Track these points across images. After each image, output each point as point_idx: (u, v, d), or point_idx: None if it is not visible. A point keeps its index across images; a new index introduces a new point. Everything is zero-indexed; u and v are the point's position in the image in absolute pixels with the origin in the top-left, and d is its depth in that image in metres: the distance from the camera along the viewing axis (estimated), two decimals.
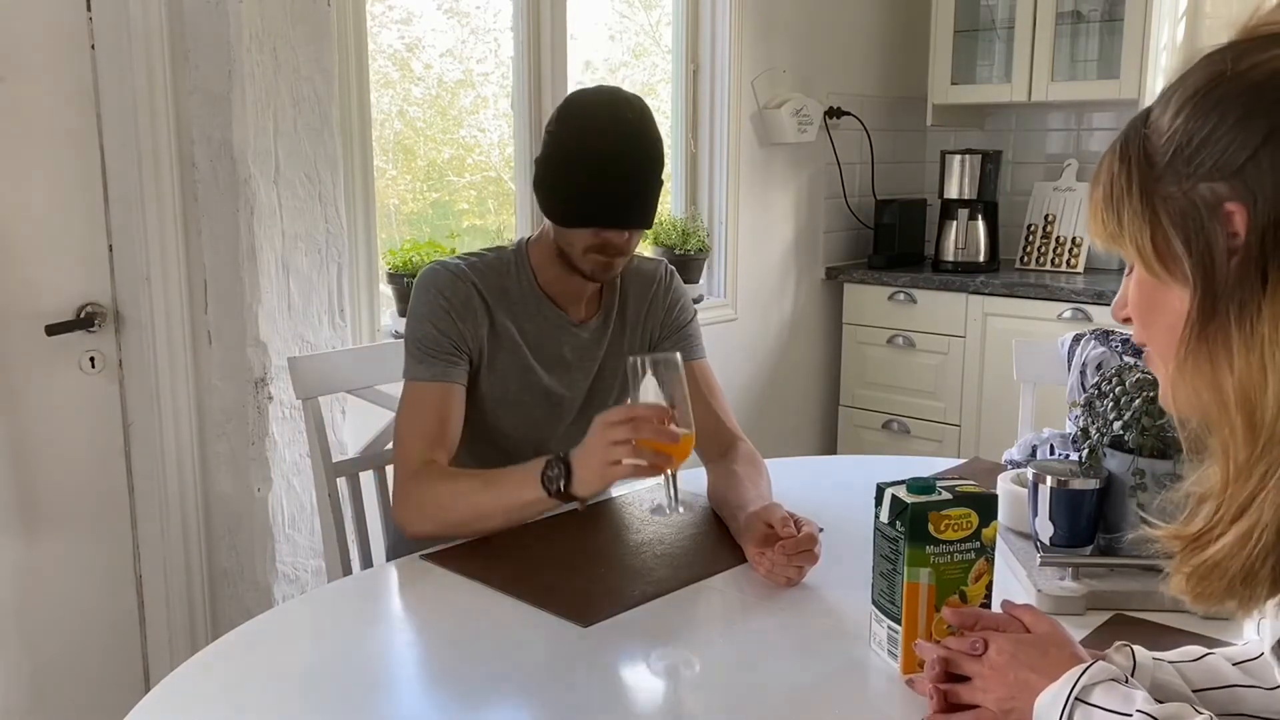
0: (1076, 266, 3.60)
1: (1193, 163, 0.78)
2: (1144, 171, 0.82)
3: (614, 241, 1.55)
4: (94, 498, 2.19)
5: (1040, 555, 1.33)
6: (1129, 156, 0.83)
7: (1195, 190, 0.78)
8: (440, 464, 1.51)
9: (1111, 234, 0.85)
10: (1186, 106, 0.79)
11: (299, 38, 2.14)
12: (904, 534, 1.08)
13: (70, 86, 2.05)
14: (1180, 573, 0.82)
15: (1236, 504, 0.77)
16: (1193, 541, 0.80)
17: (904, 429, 3.67)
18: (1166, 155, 0.80)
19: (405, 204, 2.89)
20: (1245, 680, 0.99)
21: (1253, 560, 0.76)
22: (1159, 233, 0.81)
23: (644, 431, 1.29)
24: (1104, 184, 0.85)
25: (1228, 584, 0.78)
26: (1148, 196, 0.81)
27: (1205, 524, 0.80)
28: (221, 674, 1.16)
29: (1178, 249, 0.80)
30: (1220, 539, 0.78)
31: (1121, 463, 1.32)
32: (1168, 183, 0.80)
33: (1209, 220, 0.78)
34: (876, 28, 3.83)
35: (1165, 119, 0.81)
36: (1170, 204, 0.80)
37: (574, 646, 1.19)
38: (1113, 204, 0.84)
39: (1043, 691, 0.91)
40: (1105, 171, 0.86)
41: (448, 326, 1.56)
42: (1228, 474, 0.78)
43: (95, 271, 2.13)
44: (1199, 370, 0.80)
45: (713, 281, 3.45)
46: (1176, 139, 0.79)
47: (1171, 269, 0.81)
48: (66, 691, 2.17)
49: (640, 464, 1.30)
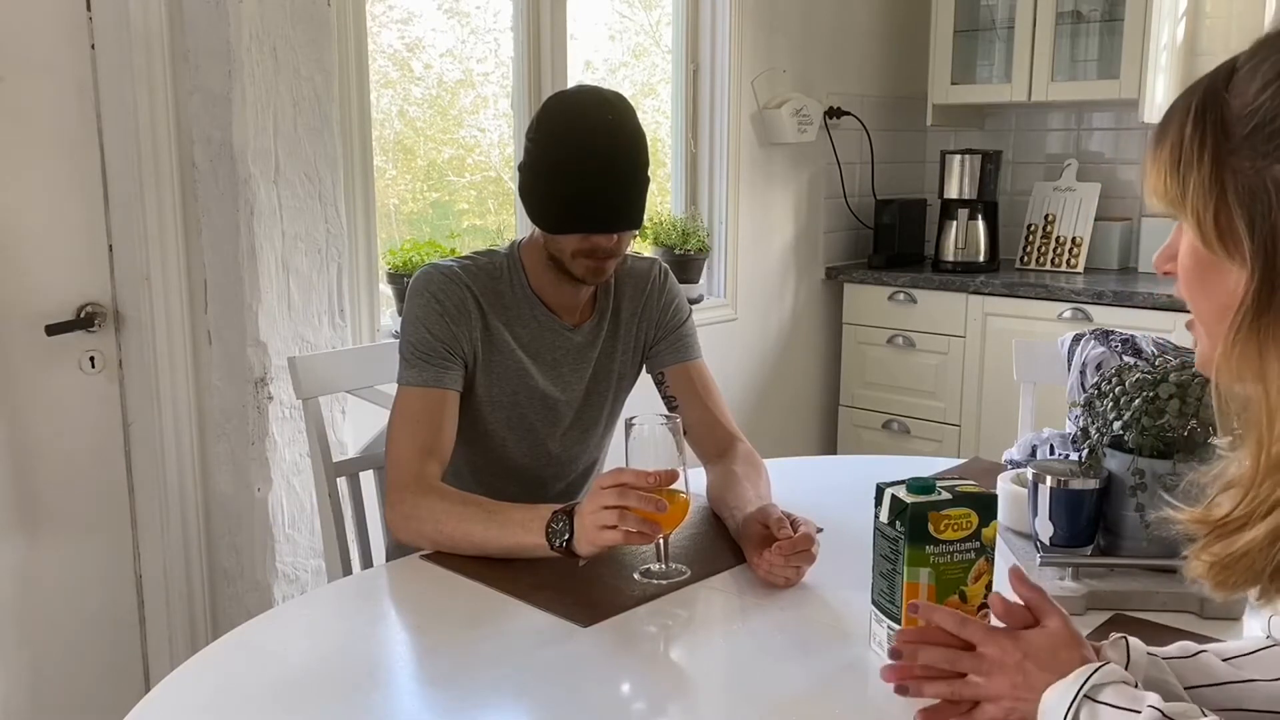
0: (1076, 266, 3.60)
1: (1273, 141, 0.74)
2: (1218, 140, 0.77)
3: (602, 245, 1.53)
4: (94, 498, 2.19)
5: (1040, 555, 1.33)
6: (1204, 120, 0.78)
7: (1270, 170, 0.75)
8: (435, 474, 1.49)
9: (1172, 199, 0.81)
10: (1275, 84, 0.75)
11: (299, 38, 2.14)
12: (904, 534, 1.08)
13: (70, 86, 2.05)
14: (1202, 559, 0.80)
15: (1268, 499, 0.76)
16: (1218, 527, 0.79)
17: (904, 429, 3.67)
18: (1246, 128, 0.76)
19: (405, 204, 2.89)
20: (1238, 675, 0.98)
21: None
22: (1224, 208, 0.77)
23: (631, 498, 1.27)
24: (1172, 142, 0.80)
25: (1253, 576, 0.77)
26: (1218, 167, 0.77)
27: (1231, 511, 0.78)
28: (221, 674, 1.16)
29: (1240, 229, 0.76)
30: (1247, 530, 0.76)
31: (1121, 463, 1.32)
32: (1242, 156, 0.76)
33: (1276, 203, 0.74)
34: (876, 28, 3.83)
35: (1252, 89, 0.77)
36: (1240, 179, 0.76)
37: (574, 646, 1.19)
38: (1179, 167, 0.79)
39: (1050, 688, 0.89)
40: (1175, 128, 0.80)
41: (441, 330, 1.55)
42: (1259, 465, 0.76)
43: (95, 271, 2.13)
44: (1246, 358, 0.77)
45: (712, 281, 3.45)
46: (1260, 113, 0.75)
47: (1230, 248, 0.78)
48: (66, 691, 2.17)
49: (630, 530, 1.27)
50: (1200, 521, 0.80)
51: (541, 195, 1.55)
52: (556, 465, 1.70)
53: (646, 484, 1.27)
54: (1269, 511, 0.76)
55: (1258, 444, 0.77)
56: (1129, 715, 0.84)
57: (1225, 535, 0.78)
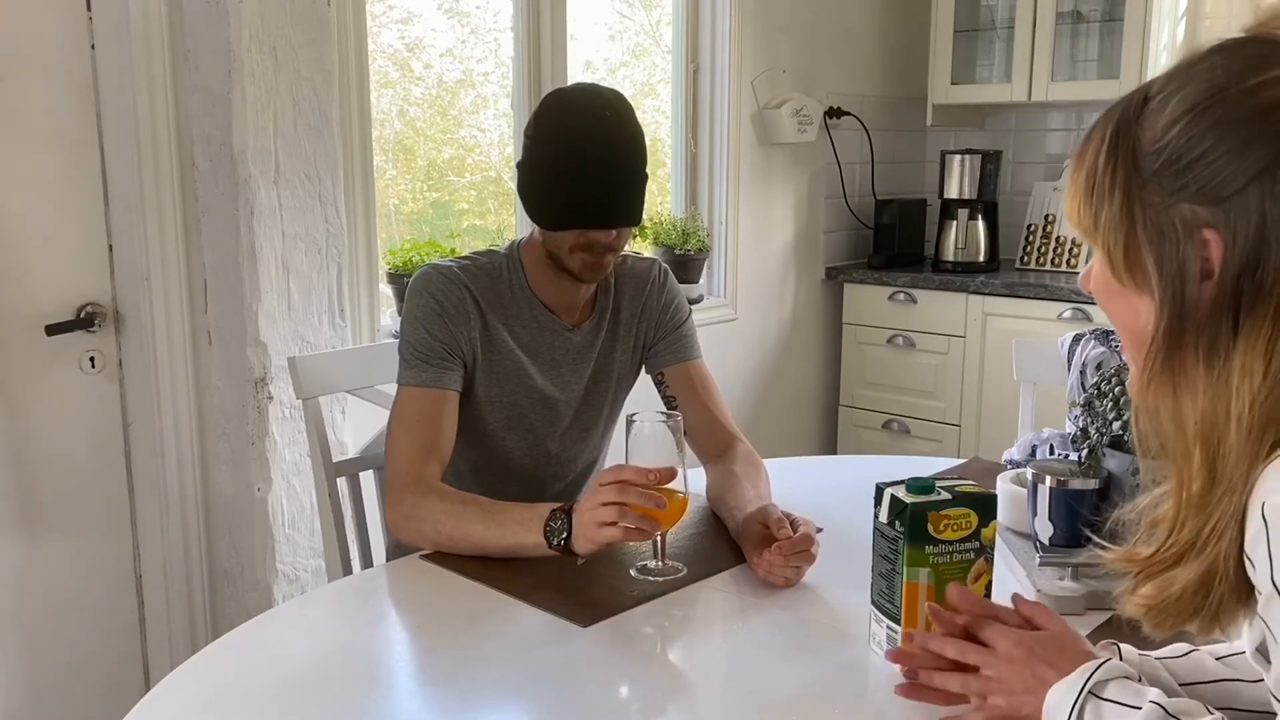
0: (1076, 266, 3.59)
1: (1180, 179, 0.76)
2: (1129, 174, 0.79)
3: (600, 240, 1.53)
4: (94, 498, 2.19)
5: (1040, 555, 1.33)
6: (1117, 151, 0.80)
7: (1177, 208, 0.76)
8: (435, 474, 1.50)
9: (1085, 229, 0.82)
10: (1183, 119, 0.76)
11: (299, 38, 2.14)
12: (903, 534, 1.08)
13: (70, 86, 2.05)
14: (1135, 602, 0.81)
15: (1190, 540, 0.76)
16: (1146, 566, 0.79)
17: (904, 429, 3.67)
18: (1155, 164, 0.77)
19: (405, 204, 2.89)
20: (1230, 674, 0.99)
21: (1219, 598, 0.76)
22: (1133, 243, 0.79)
23: (631, 495, 1.27)
24: (1087, 171, 0.82)
25: (1189, 617, 0.78)
26: (1128, 202, 0.78)
27: (1155, 551, 0.79)
28: (221, 674, 1.16)
29: (1149, 265, 0.78)
30: (1177, 569, 0.77)
31: (1121, 463, 1.32)
32: (1151, 192, 0.77)
33: (1184, 242, 0.75)
34: (876, 28, 3.83)
35: (1160, 123, 0.78)
36: (1149, 214, 0.77)
37: (574, 646, 1.19)
38: (1092, 199, 0.81)
39: (1055, 685, 0.90)
40: (1090, 156, 0.82)
41: (440, 330, 1.55)
42: (1181, 504, 0.77)
43: (95, 271, 2.13)
44: (1162, 393, 0.78)
45: (712, 281, 3.45)
46: (1168, 150, 0.77)
47: (1138, 282, 0.79)
48: (66, 691, 2.17)
49: (629, 527, 1.28)
50: (1128, 560, 0.81)
51: (539, 192, 1.55)
52: (556, 465, 1.70)
53: (647, 480, 1.28)
54: (1192, 553, 0.76)
55: (1179, 481, 0.77)
56: (1131, 711, 0.85)
57: (1153, 575, 0.79)
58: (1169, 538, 0.78)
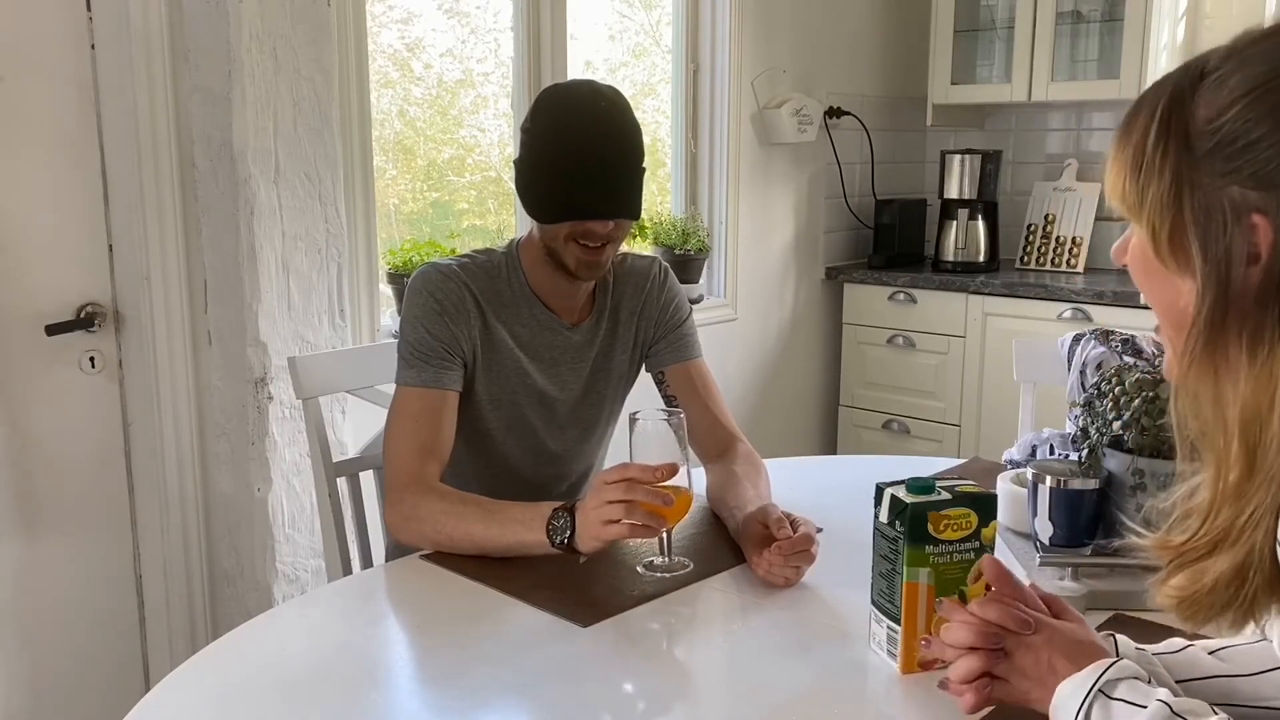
0: (1076, 266, 3.60)
1: (1233, 162, 0.74)
2: (1180, 153, 0.76)
3: (596, 231, 1.52)
4: (94, 498, 2.19)
5: (1040, 555, 1.33)
6: (1169, 128, 0.77)
7: (1227, 191, 0.74)
8: (435, 474, 1.49)
9: (1130, 205, 0.80)
10: (1240, 101, 0.74)
11: (299, 38, 2.14)
12: (903, 534, 1.08)
13: (70, 86, 2.05)
14: (1169, 593, 0.80)
15: (1224, 529, 0.75)
16: (1179, 554, 0.78)
17: (904, 429, 3.67)
18: (1209, 144, 0.75)
19: (405, 204, 2.89)
20: (1225, 669, 0.99)
21: (1253, 591, 0.74)
22: (1179, 225, 0.76)
23: (637, 492, 1.27)
24: (1134, 146, 0.79)
25: (1221, 610, 0.76)
26: (1178, 182, 0.76)
27: (1189, 539, 0.77)
28: (221, 674, 1.16)
29: (1193, 248, 0.76)
30: (1211, 560, 0.76)
31: (1121, 463, 1.32)
32: (1202, 173, 0.75)
33: (1232, 225, 0.74)
34: (876, 28, 3.83)
35: (1216, 103, 0.75)
36: (1198, 196, 0.75)
37: (574, 646, 1.19)
38: (1139, 175, 0.78)
39: (1066, 679, 0.89)
40: (1139, 132, 0.79)
41: (440, 329, 1.55)
42: (1217, 493, 0.76)
43: (95, 271, 2.13)
44: (1202, 379, 0.76)
45: (712, 281, 3.45)
46: (1224, 131, 0.74)
47: (1181, 264, 0.77)
48: (66, 691, 2.17)
49: (635, 524, 1.28)
50: (1162, 548, 0.80)
51: (536, 185, 1.55)
52: (557, 464, 1.70)
53: (653, 477, 1.28)
54: (1226, 543, 0.75)
55: (1216, 470, 0.76)
56: (1137, 710, 0.84)
57: (1187, 564, 0.78)
58: (1203, 525, 0.77)
